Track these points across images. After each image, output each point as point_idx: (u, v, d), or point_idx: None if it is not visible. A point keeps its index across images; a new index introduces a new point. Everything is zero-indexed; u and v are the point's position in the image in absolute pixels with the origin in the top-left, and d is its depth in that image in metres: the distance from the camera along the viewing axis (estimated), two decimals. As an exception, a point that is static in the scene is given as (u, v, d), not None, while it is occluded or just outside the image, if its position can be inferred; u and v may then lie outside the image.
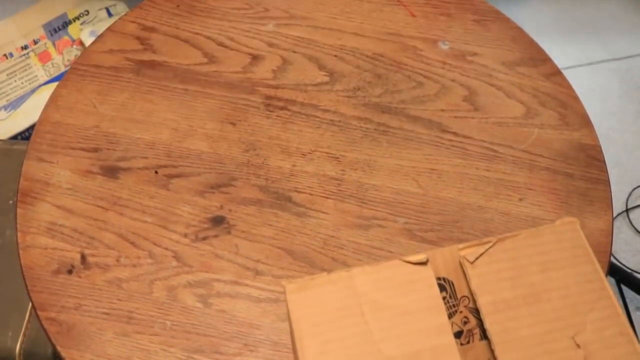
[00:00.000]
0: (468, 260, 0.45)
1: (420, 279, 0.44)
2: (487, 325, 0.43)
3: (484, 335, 0.44)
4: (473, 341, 0.45)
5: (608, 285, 0.45)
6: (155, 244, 0.64)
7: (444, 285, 0.45)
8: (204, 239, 0.64)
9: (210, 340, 0.58)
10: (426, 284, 0.44)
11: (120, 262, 0.63)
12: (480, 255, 0.45)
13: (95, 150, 0.70)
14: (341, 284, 0.44)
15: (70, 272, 0.62)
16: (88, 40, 1.44)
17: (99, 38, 0.80)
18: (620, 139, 1.57)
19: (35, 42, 1.46)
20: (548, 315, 0.44)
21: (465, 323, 0.45)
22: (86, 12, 1.51)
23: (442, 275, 0.46)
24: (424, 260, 0.45)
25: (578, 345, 0.42)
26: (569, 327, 0.43)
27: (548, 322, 0.43)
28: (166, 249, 0.63)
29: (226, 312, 0.60)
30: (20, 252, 0.63)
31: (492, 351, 0.43)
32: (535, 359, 0.42)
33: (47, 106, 0.74)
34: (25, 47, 1.45)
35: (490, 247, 0.46)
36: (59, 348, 0.58)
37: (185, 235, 0.64)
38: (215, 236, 0.64)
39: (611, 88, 1.67)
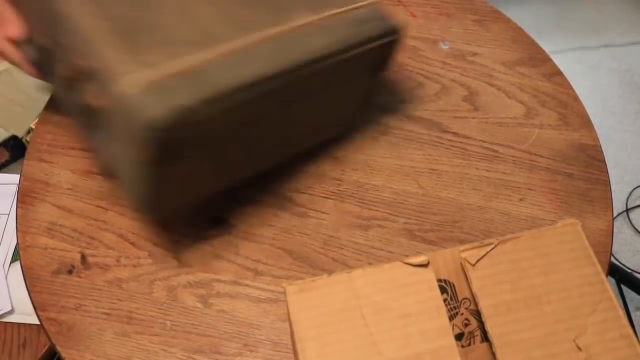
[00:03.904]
0: (469, 263, 0.45)
1: (421, 280, 0.44)
2: (488, 328, 0.43)
3: (485, 337, 0.44)
4: (474, 343, 0.44)
5: (609, 287, 0.45)
6: (155, 244, 0.64)
7: (445, 287, 0.45)
8: (204, 239, 0.64)
9: (210, 341, 0.58)
10: (427, 285, 0.44)
11: (121, 262, 0.63)
12: (482, 257, 0.45)
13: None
14: (341, 285, 0.44)
15: (70, 272, 0.62)
16: (88, 40, 1.44)
17: (99, 38, 0.80)
18: (620, 139, 1.57)
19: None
20: (549, 318, 0.44)
21: (466, 325, 0.45)
22: (86, 12, 1.51)
23: (443, 277, 0.45)
24: (425, 262, 0.45)
25: (579, 348, 0.42)
26: (570, 330, 0.43)
27: (549, 325, 0.43)
28: (166, 249, 0.63)
29: (226, 312, 0.60)
30: (20, 252, 0.63)
31: (493, 354, 0.43)
32: None
33: (47, 106, 0.74)
34: (25, 47, 1.45)
35: (492, 249, 0.46)
36: (58, 348, 0.58)
37: (186, 235, 0.64)
38: (216, 236, 0.64)
39: (611, 88, 1.67)
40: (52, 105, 0.73)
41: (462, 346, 0.44)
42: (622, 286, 1.23)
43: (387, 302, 0.44)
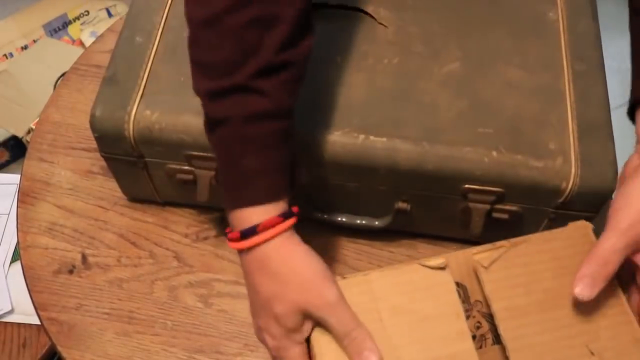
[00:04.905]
0: (482, 266, 0.44)
1: (439, 283, 0.44)
2: (502, 331, 0.42)
3: (497, 340, 0.44)
4: (485, 346, 0.44)
5: (620, 291, 0.44)
6: (156, 244, 0.64)
7: (457, 289, 0.45)
8: (205, 239, 0.64)
9: (211, 340, 0.58)
10: (445, 289, 0.44)
11: (121, 262, 0.63)
12: (495, 260, 0.44)
13: (96, 150, 0.70)
14: (359, 288, 0.43)
15: (71, 272, 0.62)
16: (88, 41, 1.44)
17: (99, 38, 0.80)
18: (620, 138, 1.56)
19: (35, 42, 1.45)
20: (562, 322, 0.43)
21: (478, 328, 0.45)
22: (86, 13, 1.51)
23: (455, 279, 0.45)
24: (443, 265, 0.44)
25: (592, 353, 0.42)
26: (583, 334, 0.43)
27: (562, 329, 0.43)
28: (167, 249, 0.63)
29: (227, 312, 0.60)
30: (21, 251, 0.63)
31: (505, 356, 0.42)
32: None
33: (47, 106, 0.74)
34: (25, 47, 1.45)
35: (505, 252, 0.45)
36: (59, 348, 0.58)
37: (186, 236, 0.64)
38: (216, 236, 0.64)
39: (611, 88, 1.66)
40: (52, 106, 0.73)
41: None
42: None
43: (405, 305, 0.43)
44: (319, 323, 0.42)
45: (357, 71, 0.57)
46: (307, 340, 0.43)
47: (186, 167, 0.57)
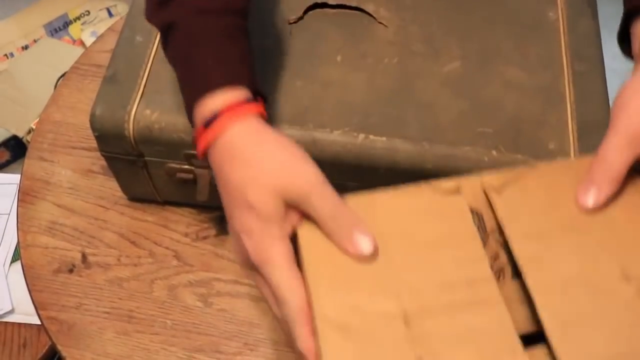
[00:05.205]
0: (494, 188, 0.39)
1: (451, 208, 0.39)
2: (517, 253, 0.37)
3: (517, 274, 0.38)
4: (504, 279, 0.39)
5: None
6: (156, 243, 0.64)
7: (472, 216, 0.40)
8: (205, 238, 0.64)
9: (211, 340, 0.58)
10: (458, 213, 0.39)
11: (121, 261, 0.63)
12: (508, 181, 0.39)
13: (96, 149, 0.70)
14: (360, 209, 0.38)
15: (71, 271, 0.62)
16: (89, 41, 1.45)
17: (100, 38, 0.80)
18: (620, 139, 1.55)
19: (36, 42, 1.46)
20: (590, 247, 0.37)
21: (495, 259, 0.39)
22: (87, 13, 1.51)
23: (470, 206, 0.40)
24: (456, 187, 0.39)
25: (627, 279, 0.36)
26: (615, 260, 0.36)
27: (590, 254, 0.37)
28: (167, 248, 0.63)
29: (227, 311, 0.60)
30: (21, 251, 0.63)
31: (526, 292, 0.36)
32: (578, 298, 0.35)
33: (48, 105, 0.74)
34: (25, 47, 1.46)
35: (521, 175, 0.40)
36: (59, 347, 0.58)
37: (186, 235, 0.64)
38: (216, 235, 0.64)
39: (611, 88, 1.66)
40: (53, 105, 0.73)
41: None
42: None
43: (413, 229, 0.38)
44: (302, 214, 0.38)
45: (357, 70, 0.57)
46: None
47: (186, 167, 0.57)
